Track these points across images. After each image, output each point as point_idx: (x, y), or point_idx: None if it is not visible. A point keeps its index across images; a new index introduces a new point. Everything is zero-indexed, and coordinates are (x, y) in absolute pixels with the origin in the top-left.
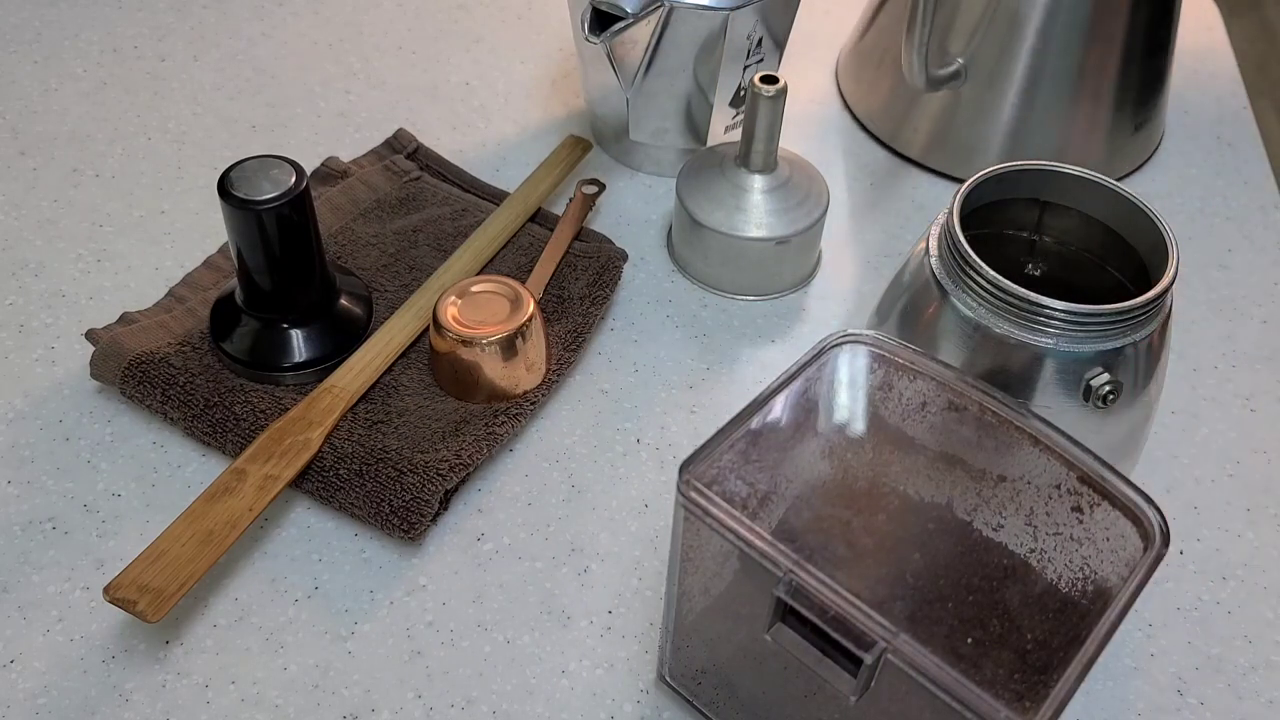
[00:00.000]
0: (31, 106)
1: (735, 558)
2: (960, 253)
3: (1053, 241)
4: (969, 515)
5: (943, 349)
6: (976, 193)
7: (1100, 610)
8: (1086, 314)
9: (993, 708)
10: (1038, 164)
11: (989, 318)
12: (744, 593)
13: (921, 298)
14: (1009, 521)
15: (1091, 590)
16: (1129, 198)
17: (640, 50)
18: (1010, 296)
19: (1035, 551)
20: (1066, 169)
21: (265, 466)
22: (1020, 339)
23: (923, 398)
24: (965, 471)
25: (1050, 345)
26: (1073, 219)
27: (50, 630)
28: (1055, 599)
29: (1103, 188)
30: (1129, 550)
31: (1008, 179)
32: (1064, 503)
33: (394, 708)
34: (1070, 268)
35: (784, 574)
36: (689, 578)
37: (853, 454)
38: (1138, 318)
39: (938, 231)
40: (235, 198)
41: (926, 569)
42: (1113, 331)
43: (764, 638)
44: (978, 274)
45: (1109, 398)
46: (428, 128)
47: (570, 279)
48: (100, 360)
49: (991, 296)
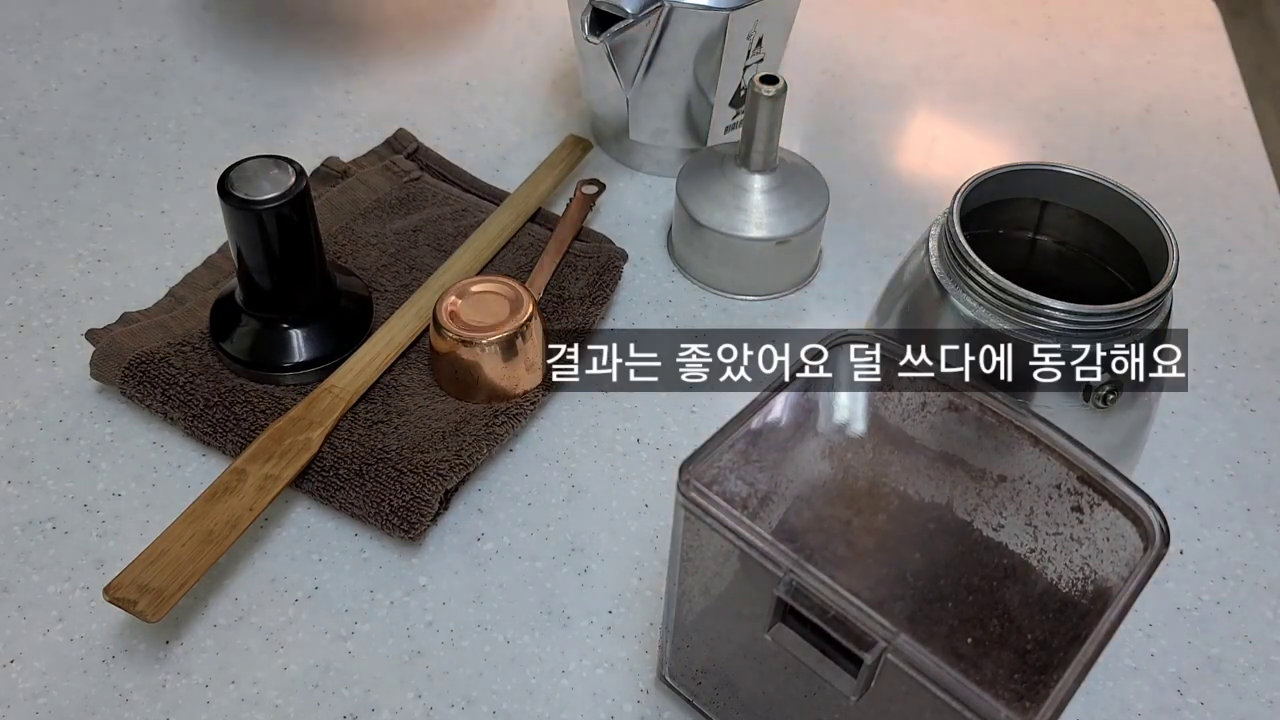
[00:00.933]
0: (31, 106)
1: (735, 557)
2: (960, 252)
3: (1053, 241)
4: (969, 515)
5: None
6: (976, 193)
7: (1100, 610)
8: (1086, 314)
9: (993, 708)
10: (1037, 164)
11: (989, 317)
12: (744, 592)
13: (921, 297)
14: (1009, 521)
15: (1091, 590)
16: (1129, 197)
17: (640, 50)
18: (1010, 296)
19: (1035, 551)
20: (1066, 169)
21: (265, 466)
22: (1021, 338)
23: (922, 397)
24: (965, 471)
25: (1051, 345)
26: (1073, 219)
27: (50, 630)
28: (1055, 599)
29: (1103, 187)
30: (1129, 550)
31: (1008, 179)
32: (1064, 502)
33: (394, 707)
34: (1071, 268)
35: (784, 574)
36: (689, 577)
37: (853, 454)
38: (1137, 317)
39: (938, 232)
40: (235, 198)
41: (927, 569)
42: (1113, 331)
43: (764, 637)
44: (977, 273)
45: (1109, 398)
46: (428, 128)
47: (570, 279)
48: (100, 360)
49: (991, 296)
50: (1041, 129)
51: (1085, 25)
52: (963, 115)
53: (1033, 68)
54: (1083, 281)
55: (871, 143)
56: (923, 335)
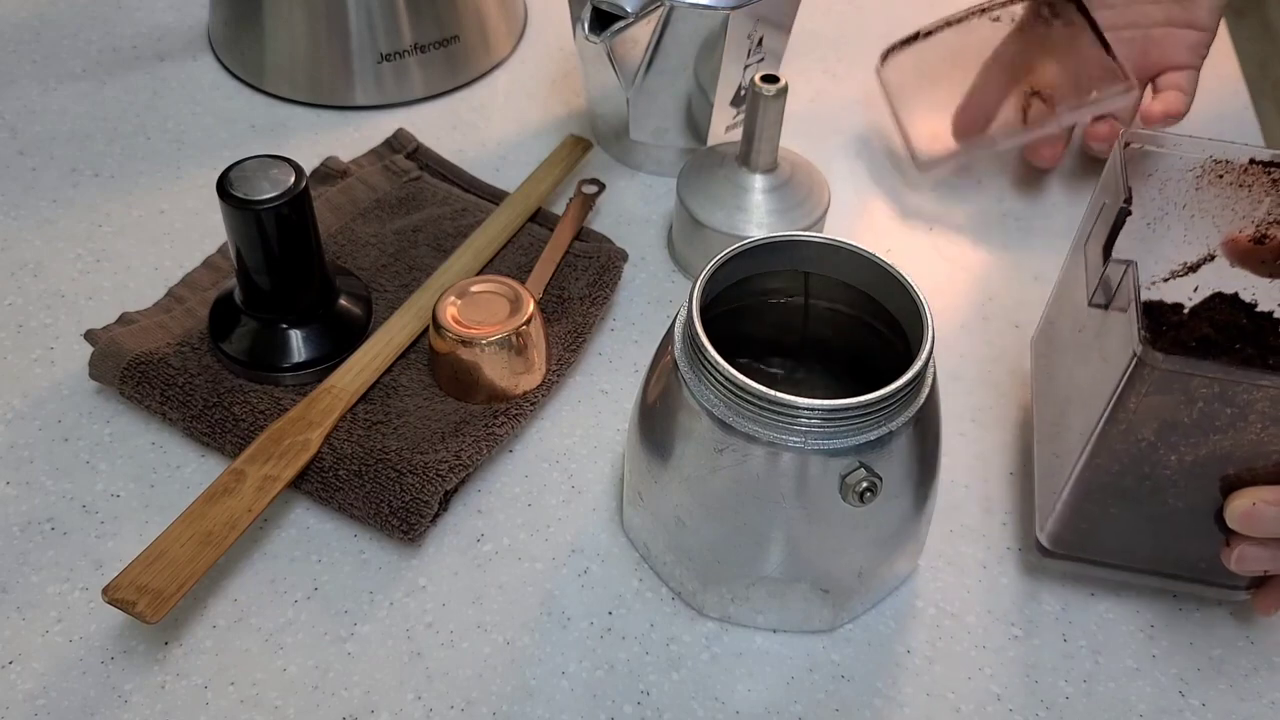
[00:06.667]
0: (31, 106)
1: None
2: (699, 348)
3: (825, 308)
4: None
5: (688, 448)
6: (727, 269)
7: None
8: (833, 410)
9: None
10: (785, 236)
11: (732, 417)
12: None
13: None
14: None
15: None
16: (882, 265)
17: (641, 50)
18: (750, 395)
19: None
20: (814, 238)
21: (264, 467)
22: (770, 439)
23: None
24: None
25: (799, 444)
26: (839, 286)
27: (49, 631)
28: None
29: (854, 254)
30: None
31: (759, 252)
32: None
33: (393, 709)
34: (846, 334)
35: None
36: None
37: None
38: (890, 407)
39: (681, 319)
40: (235, 198)
41: None
42: (867, 423)
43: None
44: (714, 370)
45: (866, 495)
46: (428, 127)
47: (570, 279)
48: (99, 360)
49: (731, 395)
50: None
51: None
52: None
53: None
54: (862, 348)
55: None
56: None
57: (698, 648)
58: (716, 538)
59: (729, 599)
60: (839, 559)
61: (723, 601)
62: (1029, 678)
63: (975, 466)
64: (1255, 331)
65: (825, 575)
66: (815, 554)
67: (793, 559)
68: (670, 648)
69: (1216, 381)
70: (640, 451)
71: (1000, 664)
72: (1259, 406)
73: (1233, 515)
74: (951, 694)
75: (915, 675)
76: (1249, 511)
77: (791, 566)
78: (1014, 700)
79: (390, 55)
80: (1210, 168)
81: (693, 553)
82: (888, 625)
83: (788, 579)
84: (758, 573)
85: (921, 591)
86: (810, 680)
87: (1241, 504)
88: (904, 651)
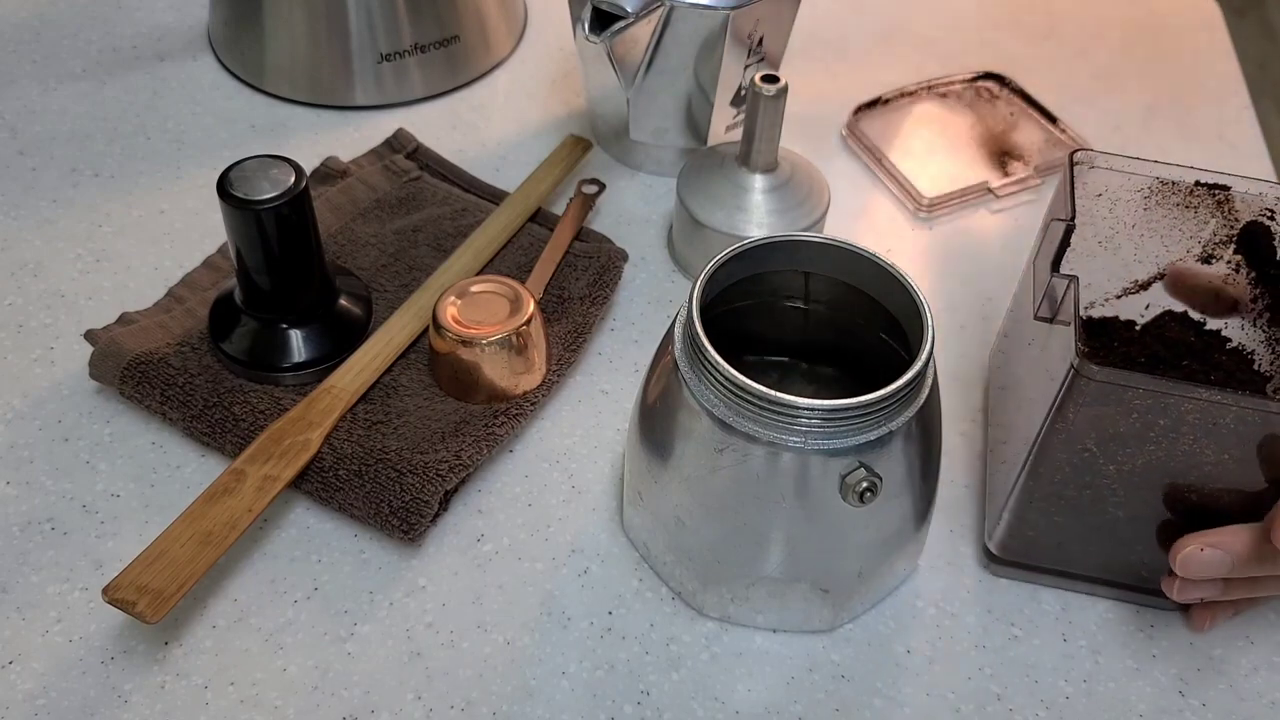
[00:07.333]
0: (31, 106)
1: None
2: (699, 348)
3: (825, 308)
4: None
5: (688, 448)
6: (725, 270)
7: None
8: (833, 410)
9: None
10: (785, 235)
11: (732, 417)
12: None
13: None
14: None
15: None
16: (882, 265)
17: (641, 50)
18: (750, 395)
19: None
20: (814, 238)
21: (264, 467)
22: (770, 439)
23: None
24: None
25: (799, 444)
26: (838, 287)
27: (49, 631)
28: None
29: (854, 254)
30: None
31: (756, 254)
32: None
33: (393, 709)
34: (846, 334)
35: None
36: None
37: None
38: (890, 407)
39: (682, 319)
40: (234, 198)
41: None
42: (867, 423)
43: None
44: (714, 370)
45: (866, 495)
46: (428, 127)
47: (570, 279)
48: (99, 360)
49: (731, 395)
50: None
51: (1086, 25)
52: None
53: (1033, 67)
54: (861, 350)
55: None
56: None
57: (698, 648)
58: (716, 538)
59: (729, 599)
60: (839, 559)
61: (723, 601)
62: (1029, 678)
63: (975, 466)
64: (1203, 349)
65: (825, 575)
66: (815, 554)
67: (793, 559)
68: (670, 648)
69: (1151, 394)
70: (640, 451)
71: (1000, 664)
72: (1190, 419)
73: (1177, 561)
74: (951, 694)
75: (915, 675)
76: (1190, 556)
77: (791, 566)
78: (1014, 700)
79: (390, 55)
80: (1157, 189)
81: (693, 553)
82: (887, 625)
83: (788, 579)
84: (758, 573)
85: (921, 591)
86: (810, 680)
87: (1188, 551)
88: (904, 651)
